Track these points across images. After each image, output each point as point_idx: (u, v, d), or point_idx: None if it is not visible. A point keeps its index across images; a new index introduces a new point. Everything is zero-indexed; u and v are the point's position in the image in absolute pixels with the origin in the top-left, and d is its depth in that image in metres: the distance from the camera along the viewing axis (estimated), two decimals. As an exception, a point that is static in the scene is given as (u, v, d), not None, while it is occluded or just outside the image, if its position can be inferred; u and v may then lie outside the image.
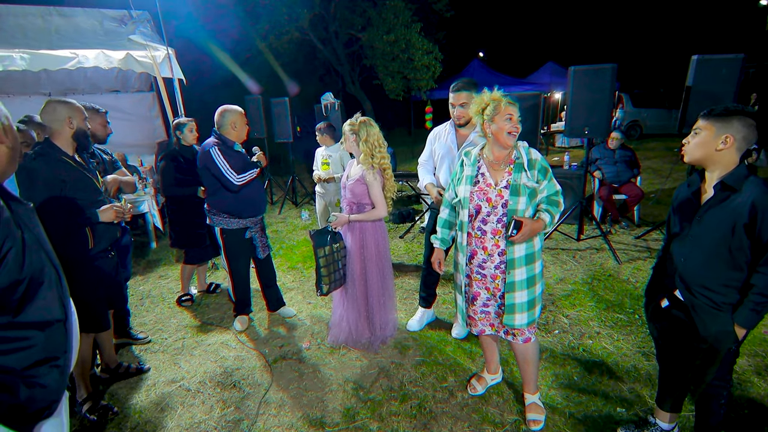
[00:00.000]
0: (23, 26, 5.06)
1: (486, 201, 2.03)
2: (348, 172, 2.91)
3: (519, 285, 2.03)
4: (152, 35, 5.51)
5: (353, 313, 2.95)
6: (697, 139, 1.65)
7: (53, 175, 2.16)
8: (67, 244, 2.19)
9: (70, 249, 2.21)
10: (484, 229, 2.06)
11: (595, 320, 3.22)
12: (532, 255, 2.04)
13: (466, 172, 2.12)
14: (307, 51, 14.90)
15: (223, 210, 3.02)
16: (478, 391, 2.45)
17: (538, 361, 2.27)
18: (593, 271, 4.09)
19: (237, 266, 3.17)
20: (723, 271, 1.61)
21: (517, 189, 1.96)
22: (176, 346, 3.15)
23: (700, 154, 1.65)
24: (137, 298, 4.00)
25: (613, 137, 5.28)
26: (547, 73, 13.20)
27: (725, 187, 1.59)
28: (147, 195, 5.13)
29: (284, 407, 2.45)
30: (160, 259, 5.08)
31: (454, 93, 2.71)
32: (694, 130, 1.66)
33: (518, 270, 2.02)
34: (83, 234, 2.25)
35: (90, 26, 5.44)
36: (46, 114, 2.19)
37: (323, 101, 7.21)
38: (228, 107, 2.99)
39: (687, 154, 1.69)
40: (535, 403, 2.28)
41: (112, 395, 2.62)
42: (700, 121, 1.65)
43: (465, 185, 2.10)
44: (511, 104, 1.97)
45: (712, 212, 1.62)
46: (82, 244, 2.26)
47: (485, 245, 2.07)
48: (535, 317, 2.11)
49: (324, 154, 4.55)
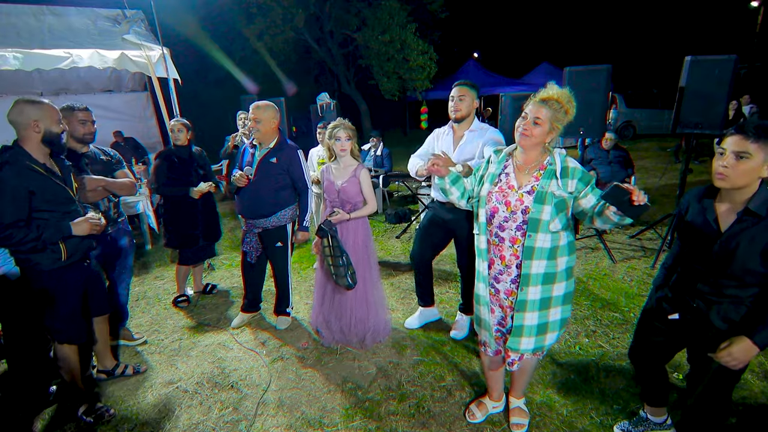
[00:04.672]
0: (16, 25, 5.02)
1: (504, 204, 1.85)
2: (330, 177, 2.91)
3: (531, 305, 1.84)
4: (146, 35, 5.48)
5: (345, 311, 2.96)
6: (746, 166, 1.42)
7: (20, 185, 1.97)
8: (36, 258, 2.09)
9: (40, 262, 2.10)
10: (501, 236, 1.88)
11: (590, 319, 3.25)
12: (552, 275, 1.82)
13: (490, 169, 1.97)
14: (302, 51, 14.90)
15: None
16: (477, 419, 2.27)
17: (532, 375, 2.26)
18: (588, 270, 4.12)
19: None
20: (748, 287, 1.54)
21: (542, 196, 1.76)
22: (173, 348, 3.13)
23: (745, 182, 1.45)
24: (133, 299, 3.96)
25: (607, 138, 5.33)
26: (541, 73, 13.27)
27: (749, 213, 1.48)
28: (142, 195, 5.10)
29: (282, 408, 2.44)
30: (155, 260, 5.05)
31: (456, 87, 2.76)
32: (740, 154, 1.42)
33: (532, 288, 1.82)
34: (55, 248, 2.11)
35: (83, 25, 5.40)
36: (12, 115, 2.03)
37: (319, 101, 7.20)
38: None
39: (729, 180, 1.46)
40: (519, 407, 2.26)
41: (109, 397, 2.60)
42: (746, 143, 1.40)
43: (486, 183, 1.94)
44: (534, 103, 1.79)
45: (736, 239, 1.51)
46: (53, 259, 2.12)
47: (503, 254, 1.89)
48: (543, 344, 1.91)
49: (321, 154, 4.54)
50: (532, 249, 1.79)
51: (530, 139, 1.78)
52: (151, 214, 5.22)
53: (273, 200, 3.02)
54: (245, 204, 3.05)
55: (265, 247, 3.19)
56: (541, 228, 1.77)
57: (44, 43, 4.63)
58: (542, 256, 1.79)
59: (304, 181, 3.08)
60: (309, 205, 3.14)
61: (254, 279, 3.36)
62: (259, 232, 3.13)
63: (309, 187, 3.11)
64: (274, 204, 3.03)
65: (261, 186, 2.96)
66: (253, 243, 3.18)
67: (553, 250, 1.81)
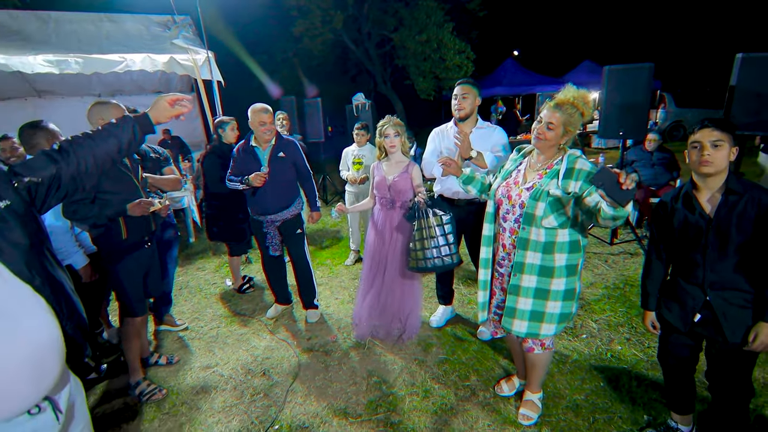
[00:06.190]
0: (78, 32, 5.44)
1: (507, 197, 2.02)
2: (382, 173, 2.98)
3: (524, 291, 1.96)
4: (194, 39, 5.79)
5: (390, 307, 3.02)
6: (723, 151, 1.64)
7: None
8: (104, 236, 2.37)
9: (105, 240, 2.39)
10: (504, 226, 2.05)
11: (625, 326, 3.15)
12: (549, 269, 1.91)
13: (506, 166, 2.14)
14: (340, 52, 15.14)
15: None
16: (504, 392, 2.45)
17: (544, 368, 2.25)
18: (626, 276, 3.98)
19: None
20: (748, 270, 1.64)
21: (538, 194, 1.87)
22: (211, 335, 3.33)
23: (724, 165, 1.65)
24: (176, 288, 4.22)
25: (650, 139, 5.09)
26: (583, 72, 12.78)
27: (731, 192, 1.64)
28: (187, 191, 5.40)
29: (310, 396, 2.55)
30: (198, 252, 5.34)
31: (459, 86, 2.78)
32: (715, 143, 1.63)
33: (526, 276, 1.95)
34: (116, 226, 2.39)
35: (137, 31, 5.78)
36: (88, 114, 2.32)
37: (354, 101, 7.35)
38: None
39: (713, 165, 1.64)
40: (532, 401, 2.29)
41: (153, 377, 2.80)
42: (717, 132, 1.63)
43: (499, 178, 2.12)
44: (548, 107, 1.89)
45: (727, 217, 1.64)
46: (117, 237, 2.40)
47: (504, 242, 2.06)
48: (539, 332, 2.00)
49: (357, 153, 4.60)
50: (526, 241, 1.93)
51: (544, 142, 1.90)
52: (195, 209, 5.52)
53: (289, 191, 3.24)
54: (268, 200, 3.15)
55: (286, 237, 3.32)
56: (534, 223, 1.89)
57: (102, 49, 5.00)
58: (536, 249, 1.91)
59: (308, 167, 3.34)
60: (314, 188, 3.39)
61: (278, 273, 3.52)
62: (278, 225, 3.27)
63: (311, 172, 3.38)
64: (291, 195, 3.25)
65: (277, 181, 3.11)
66: (275, 236, 3.31)
67: (549, 245, 1.90)
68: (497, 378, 2.61)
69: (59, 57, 4.42)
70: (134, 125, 1.40)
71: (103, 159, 1.35)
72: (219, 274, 4.59)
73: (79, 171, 1.29)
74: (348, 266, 4.62)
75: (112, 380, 2.79)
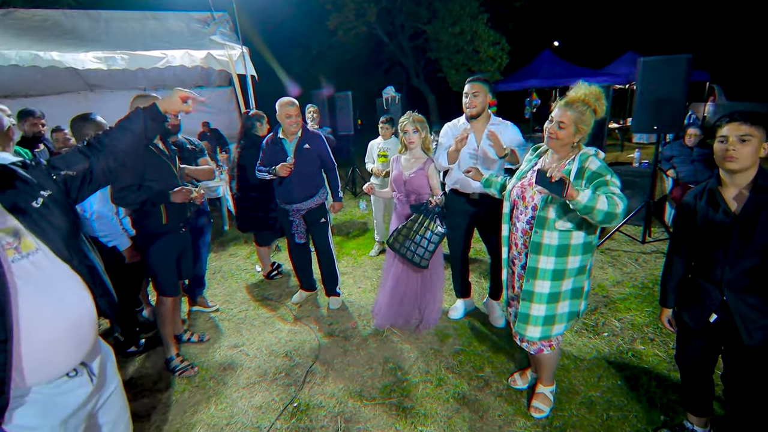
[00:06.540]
0: (125, 30, 5.78)
1: (521, 198, 2.00)
2: (400, 168, 3.04)
3: (537, 297, 1.92)
4: (231, 35, 6.01)
5: (411, 297, 3.10)
6: (750, 147, 1.57)
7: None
8: (146, 221, 2.57)
9: (147, 224, 2.59)
10: (516, 226, 2.05)
11: (650, 326, 3.07)
12: (561, 272, 1.88)
13: (522, 166, 2.13)
14: (373, 45, 15.19)
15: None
16: (518, 385, 2.48)
17: (553, 366, 2.26)
18: (656, 276, 3.85)
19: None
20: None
21: (547, 196, 1.83)
22: (240, 317, 3.52)
23: (751, 162, 1.58)
24: (210, 273, 4.47)
25: (691, 134, 4.85)
26: (625, 63, 12.20)
27: (759, 189, 1.58)
28: (222, 181, 5.66)
29: (328, 378, 2.67)
30: (231, 239, 5.60)
31: (469, 83, 2.79)
32: (742, 137, 1.57)
33: (539, 282, 1.90)
34: (157, 212, 2.57)
35: (178, 28, 6.07)
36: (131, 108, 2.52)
37: (384, 95, 7.41)
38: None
39: (738, 162, 1.58)
40: (544, 393, 2.30)
41: (185, 354, 3.01)
42: (746, 126, 1.56)
43: (514, 178, 2.11)
44: (559, 106, 1.87)
45: (754, 215, 1.57)
46: (157, 222, 2.59)
47: (516, 242, 2.06)
48: (550, 333, 1.99)
49: (382, 146, 4.69)
50: (538, 245, 1.88)
51: (556, 141, 1.87)
52: (229, 198, 5.78)
53: (315, 181, 3.36)
54: (294, 190, 3.27)
55: (311, 225, 3.44)
56: (547, 226, 1.84)
57: (146, 45, 5.29)
58: (549, 253, 1.86)
59: (332, 159, 3.44)
60: (338, 179, 3.50)
61: (303, 260, 3.64)
62: (304, 214, 3.38)
63: (335, 164, 3.46)
64: (316, 184, 3.37)
65: (303, 171, 3.22)
66: (300, 225, 3.42)
67: (563, 248, 1.85)
68: (512, 370, 2.63)
69: (107, 54, 4.72)
70: (144, 116, 1.52)
71: (126, 150, 1.48)
72: (250, 261, 4.81)
73: (108, 165, 1.43)
74: (372, 257, 4.72)
75: (149, 354, 3.03)
